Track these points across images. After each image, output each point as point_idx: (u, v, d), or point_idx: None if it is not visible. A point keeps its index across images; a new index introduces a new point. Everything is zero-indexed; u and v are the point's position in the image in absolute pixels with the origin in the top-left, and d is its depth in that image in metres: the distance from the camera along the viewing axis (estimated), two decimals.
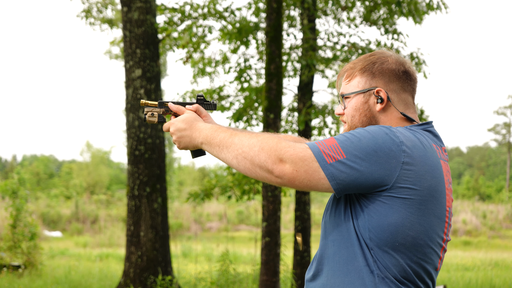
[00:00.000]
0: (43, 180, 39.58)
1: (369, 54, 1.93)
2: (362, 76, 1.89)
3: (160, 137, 8.14)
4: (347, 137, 1.68)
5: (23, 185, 11.83)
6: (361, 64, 1.90)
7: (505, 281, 9.87)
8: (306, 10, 9.09)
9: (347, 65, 1.95)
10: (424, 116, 9.62)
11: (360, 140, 1.67)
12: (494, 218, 26.61)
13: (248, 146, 1.74)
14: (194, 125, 1.95)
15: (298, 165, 1.65)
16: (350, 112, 1.90)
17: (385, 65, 1.88)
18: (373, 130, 1.70)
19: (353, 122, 1.89)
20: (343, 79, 1.94)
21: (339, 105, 1.95)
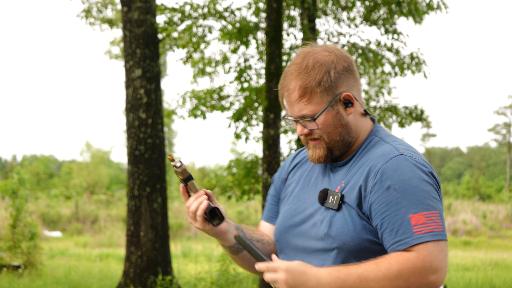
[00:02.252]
0: (43, 180, 39.58)
1: (313, 62, 1.76)
2: (323, 91, 1.75)
3: (160, 137, 8.14)
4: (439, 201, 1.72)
5: (23, 185, 11.82)
6: (316, 77, 1.75)
7: (505, 281, 9.86)
8: (306, 10, 9.08)
9: (293, 82, 1.76)
10: (424, 116, 9.63)
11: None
12: (494, 218, 26.61)
13: (385, 285, 1.63)
14: (308, 270, 1.68)
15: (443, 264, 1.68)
16: (325, 130, 1.79)
17: (338, 67, 1.78)
18: (428, 190, 1.70)
19: (331, 138, 1.80)
20: (296, 99, 1.76)
21: (299, 125, 1.80)
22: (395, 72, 9.35)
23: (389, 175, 1.70)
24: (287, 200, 1.94)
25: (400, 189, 1.68)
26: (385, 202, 1.69)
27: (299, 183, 1.93)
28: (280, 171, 2.04)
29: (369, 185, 1.73)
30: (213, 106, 9.54)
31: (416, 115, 9.52)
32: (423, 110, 9.54)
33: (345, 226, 1.74)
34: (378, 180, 1.71)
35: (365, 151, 1.82)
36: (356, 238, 1.73)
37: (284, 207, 1.94)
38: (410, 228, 1.65)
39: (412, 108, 9.53)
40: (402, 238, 1.65)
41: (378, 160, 1.75)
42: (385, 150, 1.77)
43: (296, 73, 1.77)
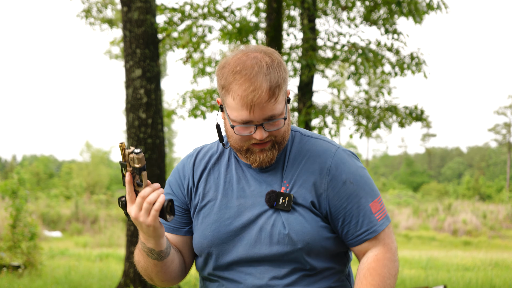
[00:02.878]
0: (43, 180, 39.58)
1: (269, 61, 1.69)
2: (283, 88, 1.71)
3: (160, 137, 8.14)
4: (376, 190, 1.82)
5: (23, 185, 11.82)
6: (280, 75, 1.68)
7: (505, 281, 9.86)
8: (306, 10, 9.09)
9: (258, 84, 1.64)
10: (424, 116, 9.62)
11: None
12: (494, 218, 26.61)
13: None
14: None
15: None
16: (284, 130, 1.74)
17: (283, 63, 1.74)
18: (369, 176, 1.82)
19: (285, 137, 1.75)
20: (265, 99, 1.65)
21: (261, 129, 1.69)
22: (395, 72, 9.35)
23: (342, 170, 1.75)
24: (211, 210, 1.80)
25: (355, 181, 1.75)
26: (345, 196, 1.74)
27: (218, 190, 1.81)
28: (180, 179, 1.88)
29: (324, 182, 1.74)
30: (213, 106, 9.54)
31: (416, 115, 9.52)
32: (423, 110, 9.53)
33: (304, 226, 1.72)
34: (332, 176, 1.74)
35: (293, 148, 1.79)
36: (316, 237, 1.73)
37: (209, 218, 1.80)
38: (372, 216, 1.75)
39: (412, 108, 9.53)
40: (369, 227, 1.74)
41: (322, 156, 1.76)
42: (323, 146, 1.79)
43: (261, 74, 1.66)
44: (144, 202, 1.65)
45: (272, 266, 1.74)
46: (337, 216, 1.74)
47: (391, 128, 9.70)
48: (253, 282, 1.75)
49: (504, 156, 52.56)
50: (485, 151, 59.52)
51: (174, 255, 1.83)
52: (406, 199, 35.92)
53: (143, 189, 1.65)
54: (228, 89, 1.68)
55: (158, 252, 1.75)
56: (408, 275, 11.00)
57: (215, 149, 1.89)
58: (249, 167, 1.80)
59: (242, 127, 1.70)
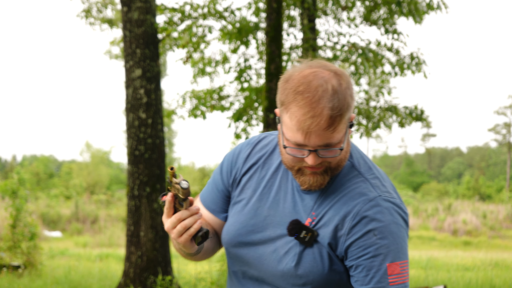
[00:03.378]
0: (43, 180, 39.58)
1: (336, 85, 1.59)
2: (348, 115, 1.62)
3: (160, 137, 8.14)
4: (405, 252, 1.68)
5: (23, 185, 11.82)
6: (345, 100, 1.59)
7: (505, 281, 9.86)
8: (306, 10, 9.09)
9: (319, 110, 1.55)
10: (424, 116, 9.63)
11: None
12: (494, 218, 26.61)
13: None
14: None
15: None
16: (340, 158, 1.65)
17: (351, 87, 1.64)
18: (404, 236, 1.68)
19: (340, 164, 1.67)
20: (323, 127, 1.57)
21: (314, 155, 1.60)
22: (395, 72, 9.35)
23: (369, 220, 1.63)
24: (242, 209, 1.79)
25: (379, 235, 1.63)
26: (363, 246, 1.63)
27: (256, 192, 1.78)
28: (231, 165, 1.85)
29: (346, 226, 1.64)
30: (213, 106, 9.54)
31: (416, 115, 9.52)
32: (423, 110, 9.54)
33: (315, 265, 1.67)
34: (357, 223, 1.64)
35: (338, 178, 1.70)
36: (324, 279, 1.67)
37: (238, 217, 1.79)
38: (386, 277, 1.63)
39: (412, 108, 9.53)
40: (377, 286, 1.63)
41: (356, 200, 1.66)
42: (363, 189, 1.67)
43: (325, 99, 1.56)
44: (179, 224, 1.66)
45: (275, 287, 1.73)
46: (350, 263, 1.66)
47: (391, 128, 9.71)
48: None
49: (504, 156, 52.57)
50: (485, 151, 59.53)
51: (209, 246, 1.85)
52: (406, 199, 35.93)
53: (182, 211, 1.66)
54: (287, 108, 1.60)
55: (188, 253, 1.78)
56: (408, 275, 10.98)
57: (273, 145, 1.82)
58: (294, 180, 1.74)
59: (295, 149, 1.61)
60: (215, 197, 1.86)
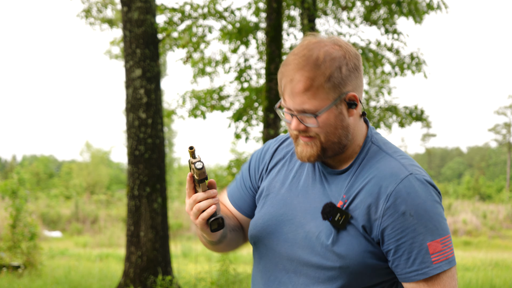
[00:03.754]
0: (43, 180, 39.58)
1: (324, 55, 1.62)
2: (330, 87, 1.61)
3: (160, 137, 8.13)
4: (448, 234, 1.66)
5: (23, 185, 11.82)
6: (325, 71, 1.61)
7: (506, 281, 9.86)
8: (306, 10, 9.09)
9: (299, 72, 1.62)
10: (424, 116, 9.63)
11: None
12: (495, 218, 26.61)
13: None
14: None
15: None
16: (324, 129, 1.65)
17: (350, 64, 1.64)
18: (440, 212, 1.65)
19: (328, 138, 1.66)
20: (300, 90, 1.62)
21: (295, 119, 1.65)
22: (395, 72, 9.35)
23: (403, 199, 1.61)
24: (272, 201, 1.79)
25: (416, 215, 1.60)
26: (400, 229, 1.60)
27: (285, 184, 1.79)
28: (258, 161, 1.89)
29: (381, 208, 1.62)
30: (213, 106, 9.54)
31: (416, 115, 9.53)
32: (423, 110, 9.54)
33: (351, 248, 1.64)
34: (391, 204, 1.61)
35: (365, 161, 1.70)
36: (360, 262, 1.64)
37: (267, 208, 1.79)
38: (428, 257, 1.60)
39: (412, 108, 9.54)
40: (421, 267, 1.60)
41: (388, 180, 1.63)
42: (393, 168, 1.66)
43: (304, 63, 1.62)
44: (194, 206, 1.68)
45: (309, 276, 1.70)
46: (388, 247, 1.63)
47: (391, 128, 9.71)
48: (286, 280, 1.74)
49: (504, 156, 52.58)
50: (485, 151, 59.54)
51: (232, 238, 1.85)
52: None
53: (198, 193, 1.69)
54: (281, 72, 1.69)
55: (210, 241, 1.79)
56: None
57: None
58: (323, 167, 1.75)
59: (286, 113, 1.69)
60: (242, 193, 1.89)
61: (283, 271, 1.74)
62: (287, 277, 1.73)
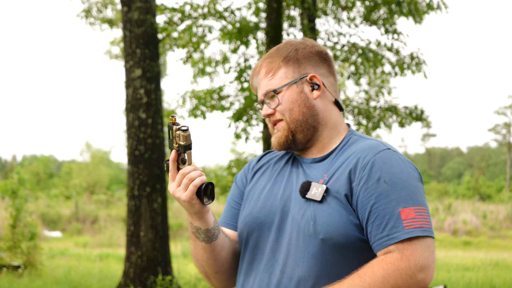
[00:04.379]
0: (43, 180, 39.58)
1: (284, 43, 1.82)
2: (288, 65, 1.77)
3: (160, 137, 8.14)
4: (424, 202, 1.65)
5: (23, 185, 11.83)
6: (282, 53, 1.78)
7: (505, 281, 9.86)
8: (306, 10, 9.09)
9: (261, 61, 1.81)
10: (424, 116, 9.62)
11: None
12: (494, 218, 26.61)
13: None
14: None
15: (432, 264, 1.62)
16: (287, 106, 1.76)
17: (307, 49, 1.79)
18: (418, 185, 1.67)
19: (293, 116, 1.76)
20: (262, 76, 1.80)
21: (264, 105, 1.79)
22: (395, 72, 9.35)
23: (379, 167, 1.65)
24: (258, 196, 1.83)
25: (390, 182, 1.63)
26: (374, 194, 1.63)
27: (270, 181, 1.85)
28: (243, 174, 1.95)
29: (358, 176, 1.66)
30: (213, 106, 9.54)
31: (416, 115, 9.52)
32: (423, 110, 9.54)
33: (331, 219, 1.66)
34: (367, 171, 1.65)
35: (345, 147, 1.78)
36: (343, 233, 1.65)
37: (254, 202, 1.83)
38: (400, 222, 1.60)
39: (412, 108, 9.53)
40: (392, 232, 1.60)
41: (365, 152, 1.69)
42: (371, 144, 1.72)
43: (266, 55, 1.82)
44: (184, 178, 1.68)
45: (297, 257, 1.70)
46: (363, 214, 1.64)
47: (391, 128, 9.71)
48: (277, 273, 1.73)
49: (504, 156, 52.57)
50: (485, 151, 59.53)
51: (225, 242, 1.84)
52: None
53: (185, 167, 1.68)
54: (251, 74, 1.88)
55: (204, 232, 1.76)
56: None
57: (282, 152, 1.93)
58: (303, 161, 1.82)
59: (260, 105, 1.82)
60: (234, 212, 1.92)
61: (271, 255, 1.75)
62: (274, 261, 1.74)
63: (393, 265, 1.57)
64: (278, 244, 1.74)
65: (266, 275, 1.74)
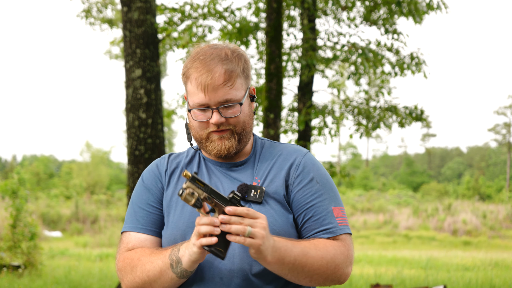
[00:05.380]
0: (43, 180, 39.58)
1: (231, 51, 1.76)
2: (241, 77, 1.76)
3: (160, 137, 8.14)
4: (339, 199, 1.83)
5: (23, 185, 11.83)
6: (238, 63, 1.75)
7: (505, 281, 9.87)
8: (306, 10, 9.09)
9: (216, 67, 1.71)
10: (424, 116, 9.62)
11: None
12: (494, 218, 26.61)
13: (322, 265, 1.69)
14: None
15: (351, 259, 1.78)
16: (242, 119, 1.76)
17: (248, 60, 1.81)
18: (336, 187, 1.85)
19: (244, 128, 1.77)
20: (220, 83, 1.70)
21: (216, 113, 1.72)
22: (395, 72, 9.36)
23: (310, 168, 1.80)
24: (183, 208, 1.78)
25: (321, 182, 1.79)
26: (310, 193, 1.77)
27: None
28: (155, 178, 1.87)
29: (292, 175, 1.78)
30: None
31: (416, 115, 9.52)
32: (423, 110, 9.54)
33: (274, 219, 1.72)
34: (300, 172, 1.78)
35: (264, 150, 1.84)
36: (286, 232, 1.73)
37: (182, 210, 1.78)
38: (334, 219, 1.76)
39: (412, 108, 9.53)
40: (329, 227, 1.74)
41: (293, 154, 1.82)
42: (294, 147, 1.85)
43: (217, 59, 1.73)
44: (195, 228, 1.60)
45: (243, 257, 1.71)
46: (299, 211, 1.76)
47: (391, 128, 9.71)
48: (225, 266, 1.71)
49: (504, 156, 52.58)
50: (485, 151, 59.52)
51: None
52: (406, 199, 35.93)
53: (201, 217, 1.60)
54: (187, 76, 1.76)
55: (184, 270, 1.68)
56: (408, 275, 11.00)
57: (185, 154, 1.91)
58: (218, 165, 1.83)
59: (200, 112, 1.74)
60: (154, 217, 1.84)
61: (214, 259, 1.72)
62: (223, 263, 1.72)
63: (341, 249, 1.73)
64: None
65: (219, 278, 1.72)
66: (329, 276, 1.71)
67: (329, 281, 1.74)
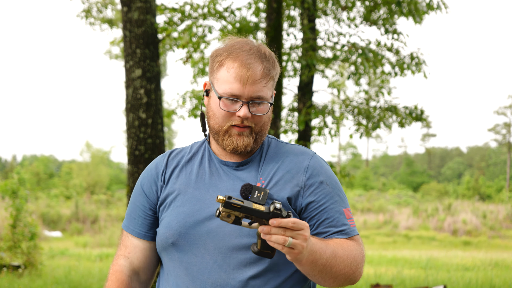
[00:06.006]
0: (43, 180, 39.58)
1: (268, 52, 1.77)
2: (274, 79, 1.77)
3: (160, 137, 8.14)
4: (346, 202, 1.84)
5: (23, 185, 11.83)
6: (274, 65, 1.76)
7: (505, 281, 9.87)
8: (306, 10, 9.09)
9: (257, 62, 1.72)
10: (424, 116, 9.62)
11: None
12: (494, 218, 26.62)
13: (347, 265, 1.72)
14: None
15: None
16: (264, 120, 1.77)
17: (277, 62, 1.81)
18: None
19: (262, 130, 1.77)
20: (258, 77, 1.71)
21: (245, 106, 1.71)
22: (395, 72, 9.35)
23: (319, 171, 1.80)
24: (180, 203, 1.78)
25: (330, 184, 1.80)
26: (322, 195, 1.77)
27: (190, 184, 1.80)
28: (151, 181, 1.87)
29: (301, 179, 1.77)
30: None
31: (416, 115, 9.52)
32: (423, 110, 9.53)
33: None
34: (310, 175, 1.78)
35: (270, 150, 1.83)
36: None
37: (178, 208, 1.78)
38: (346, 220, 1.78)
39: (412, 108, 9.53)
40: (344, 228, 1.76)
41: (300, 157, 1.81)
42: (300, 149, 1.84)
43: (258, 54, 1.74)
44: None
45: (240, 259, 1.71)
46: (311, 214, 1.76)
47: (391, 128, 9.70)
48: (216, 269, 1.72)
49: (504, 156, 52.58)
50: (485, 151, 59.53)
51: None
52: (406, 199, 35.94)
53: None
54: (222, 62, 1.73)
55: None
56: (408, 275, 11.00)
57: (188, 150, 1.89)
58: (223, 164, 1.80)
59: (229, 101, 1.72)
60: (149, 222, 1.87)
61: (212, 262, 1.73)
62: (217, 266, 1.72)
63: (359, 249, 1.76)
64: (214, 248, 1.73)
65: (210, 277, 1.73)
66: (350, 276, 1.73)
67: (348, 281, 1.74)
